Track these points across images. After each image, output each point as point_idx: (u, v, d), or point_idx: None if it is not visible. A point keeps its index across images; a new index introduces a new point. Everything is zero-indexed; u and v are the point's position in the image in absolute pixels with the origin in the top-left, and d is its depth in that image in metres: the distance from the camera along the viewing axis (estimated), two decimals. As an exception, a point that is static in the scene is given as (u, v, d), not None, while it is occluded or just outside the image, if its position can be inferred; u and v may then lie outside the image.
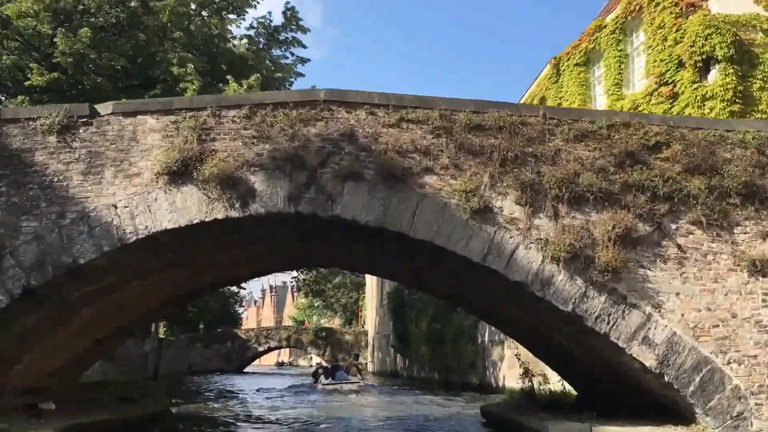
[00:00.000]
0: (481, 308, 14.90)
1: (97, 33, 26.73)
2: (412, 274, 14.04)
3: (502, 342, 28.16)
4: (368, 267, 15.46)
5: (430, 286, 15.80)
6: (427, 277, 14.02)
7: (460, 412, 19.05)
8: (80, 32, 25.50)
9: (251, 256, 13.71)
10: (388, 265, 14.06)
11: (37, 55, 27.89)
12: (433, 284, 14.99)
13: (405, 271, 13.72)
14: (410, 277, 14.66)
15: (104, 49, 26.96)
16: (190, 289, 14.97)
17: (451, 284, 13.85)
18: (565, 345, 13.05)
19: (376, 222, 11.11)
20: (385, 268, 14.72)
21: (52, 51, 26.45)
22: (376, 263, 14.44)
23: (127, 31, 28.04)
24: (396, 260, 12.80)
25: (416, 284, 16.40)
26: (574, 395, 16.09)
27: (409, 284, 16.42)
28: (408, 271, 13.56)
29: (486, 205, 11.15)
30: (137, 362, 39.34)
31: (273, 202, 11.14)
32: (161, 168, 11.16)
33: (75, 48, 25.66)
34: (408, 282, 16.53)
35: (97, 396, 16.67)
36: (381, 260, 13.78)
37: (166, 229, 11.16)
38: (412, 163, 11.33)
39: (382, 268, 14.98)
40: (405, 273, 13.89)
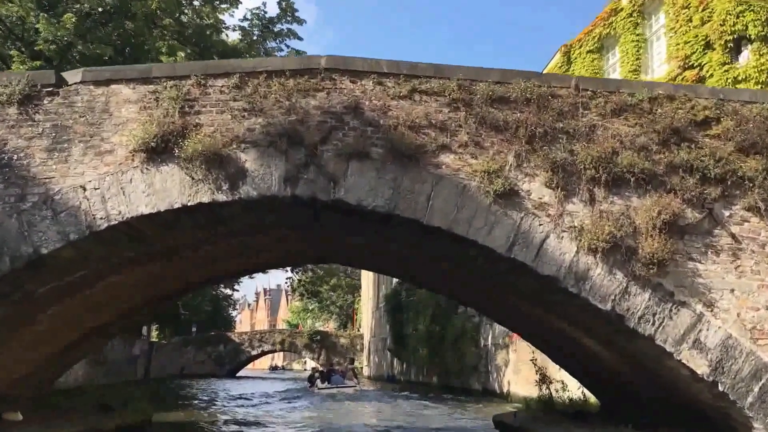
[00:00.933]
0: (496, 308, 13.35)
1: (83, 20, 25.15)
2: (420, 268, 12.48)
3: (506, 345, 26.65)
4: (371, 262, 13.89)
5: (435, 282, 14.25)
6: (434, 271, 12.47)
7: (468, 422, 17.48)
8: (64, 18, 23.91)
9: (242, 250, 12.12)
10: (393, 260, 12.50)
11: (20, 44, 26.30)
12: (440, 281, 13.44)
13: (414, 264, 12.16)
14: (418, 272, 13.10)
15: (90, 37, 25.38)
16: (175, 286, 13.37)
17: (462, 281, 12.31)
18: (591, 349, 11.51)
19: (385, 207, 9.55)
20: (391, 263, 13.15)
21: (35, 39, 24.90)
22: (380, 258, 12.87)
23: (114, 18, 26.45)
24: (405, 250, 11.23)
25: (421, 281, 14.82)
26: (595, 403, 14.57)
27: (414, 281, 14.81)
28: (418, 263, 12.00)
29: (511, 188, 9.60)
30: (125, 366, 37.69)
31: (266, 183, 9.56)
32: (137, 144, 9.58)
33: (59, 35, 24.11)
34: (413, 278, 14.94)
35: (72, 404, 15.07)
36: (387, 255, 12.21)
37: (142, 215, 9.57)
38: (427, 139, 9.78)
39: (387, 264, 13.41)
40: (415, 266, 12.33)
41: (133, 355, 39.62)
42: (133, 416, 14.58)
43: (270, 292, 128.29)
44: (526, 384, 24.40)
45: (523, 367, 24.75)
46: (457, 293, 13.75)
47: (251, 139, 9.69)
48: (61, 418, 13.41)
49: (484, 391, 28.95)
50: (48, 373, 14.02)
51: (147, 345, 43.86)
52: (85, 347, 14.01)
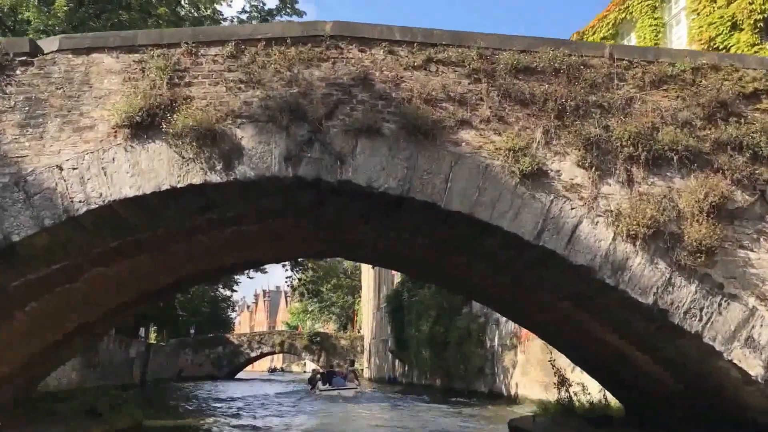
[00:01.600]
0: (513, 305, 12.25)
1: (75, 9, 24.12)
2: (433, 261, 11.37)
3: (514, 347, 25.53)
4: (379, 256, 12.79)
5: (447, 277, 13.14)
6: (448, 265, 11.38)
7: (482, 427, 16.39)
8: (56, 6, 22.87)
9: (238, 241, 11.02)
10: (403, 253, 11.39)
11: (10, 35, 25.23)
12: (453, 276, 12.34)
13: (427, 257, 11.06)
14: (429, 266, 11.99)
15: (83, 28, 24.31)
16: (167, 282, 12.27)
17: (479, 275, 11.22)
18: (621, 349, 10.42)
19: (397, 189, 8.47)
20: (400, 257, 12.05)
21: (25, 29, 23.86)
22: (389, 251, 11.77)
23: (108, 9, 25.39)
24: (418, 240, 10.13)
25: (432, 276, 13.69)
26: (617, 408, 13.47)
27: (424, 276, 13.67)
28: (431, 256, 10.89)
29: (539, 168, 8.53)
30: (121, 369, 36.54)
31: (265, 163, 8.48)
32: (121, 119, 8.50)
33: (50, 24, 23.08)
34: (423, 273, 13.80)
35: (56, 409, 13.92)
36: (397, 247, 11.11)
37: (126, 198, 8.49)
38: (444, 114, 8.71)
39: (397, 258, 12.31)
40: (427, 260, 11.22)
41: (129, 357, 38.46)
42: (122, 422, 13.47)
43: (269, 294, 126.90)
44: (535, 386, 23.31)
45: (532, 368, 23.67)
46: (471, 289, 12.67)
47: (248, 114, 8.61)
48: (44, 423, 12.31)
49: (490, 393, 27.81)
50: (30, 374, 12.90)
51: (144, 347, 42.70)
52: (70, 347, 12.90)
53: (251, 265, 14.22)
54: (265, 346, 61.66)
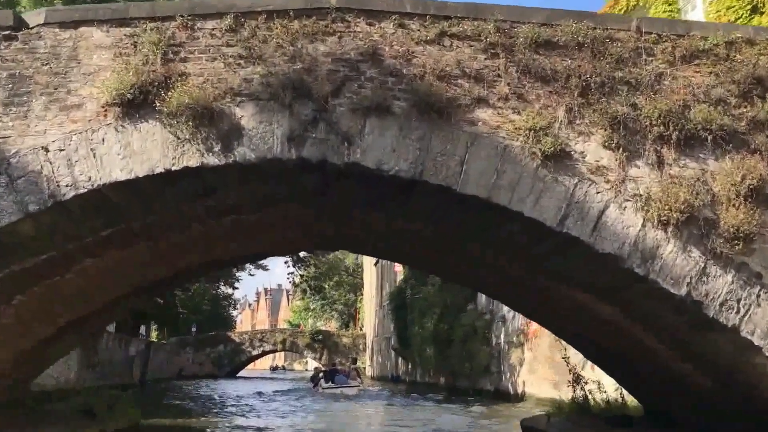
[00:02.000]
0: (527, 298, 11.59)
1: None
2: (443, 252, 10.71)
3: (521, 344, 24.87)
4: (386, 247, 12.11)
5: (457, 270, 12.49)
6: (460, 256, 10.74)
7: (492, 426, 15.75)
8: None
9: (238, 231, 10.37)
10: (413, 243, 10.73)
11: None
12: (464, 268, 11.69)
13: (437, 248, 10.39)
14: (439, 258, 11.32)
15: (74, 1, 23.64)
16: (163, 274, 11.62)
17: (492, 266, 10.57)
18: (645, 344, 9.77)
19: (409, 172, 7.83)
20: (409, 248, 11.37)
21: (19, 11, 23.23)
22: (397, 242, 11.11)
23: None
24: (429, 229, 9.46)
25: (440, 268, 13.01)
26: (635, 407, 12.83)
27: (433, 268, 12.96)
28: (442, 247, 10.23)
29: (562, 149, 7.88)
30: (121, 367, 35.92)
31: (267, 144, 7.84)
32: (111, 97, 7.86)
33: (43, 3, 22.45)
34: (431, 265, 13.08)
35: (49, 410, 13.31)
36: (406, 237, 10.45)
37: (117, 182, 7.85)
38: (459, 91, 8.06)
39: (405, 249, 11.63)
40: (437, 251, 10.55)
41: (129, 355, 37.81)
42: (117, 422, 12.84)
43: (271, 292, 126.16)
44: (543, 384, 22.66)
45: (540, 366, 23.02)
46: (482, 282, 12.01)
47: (248, 92, 7.97)
48: (36, 424, 11.71)
49: (496, 392, 27.14)
50: (21, 373, 12.26)
51: (144, 345, 42.02)
52: (63, 344, 12.26)
53: (252, 258, 13.56)
54: (266, 345, 60.99)
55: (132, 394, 14.07)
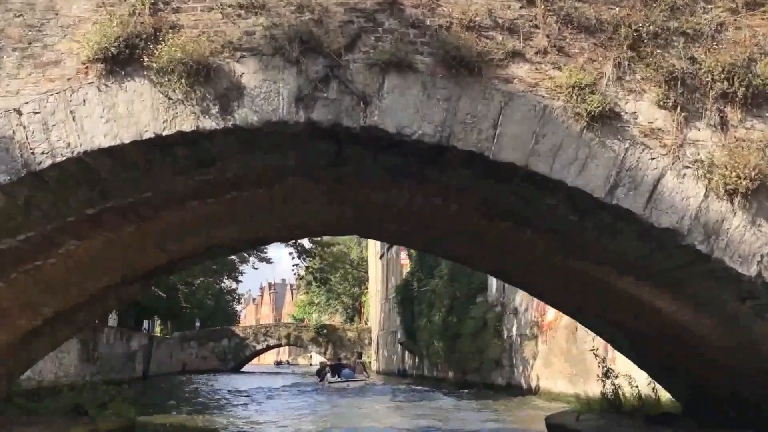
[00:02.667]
0: (557, 284, 10.52)
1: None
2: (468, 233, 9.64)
3: (535, 336, 23.81)
4: (403, 231, 11.00)
5: (481, 253, 11.41)
6: (487, 236, 9.68)
7: (513, 423, 14.72)
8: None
9: (239, 211, 9.31)
10: (434, 224, 9.65)
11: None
12: (489, 251, 10.63)
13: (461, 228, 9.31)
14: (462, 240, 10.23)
15: None
16: (157, 261, 10.58)
17: (522, 249, 9.51)
18: (692, 333, 8.73)
19: (435, 136, 6.78)
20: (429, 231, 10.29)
21: None
22: (416, 224, 10.03)
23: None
24: (453, 205, 8.39)
25: (462, 252, 11.87)
26: (668, 402, 11.79)
27: (454, 252, 11.77)
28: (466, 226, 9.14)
29: (611, 109, 6.83)
30: (122, 362, 34.99)
31: (271, 105, 6.79)
32: (93, 52, 6.81)
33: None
34: (451, 250, 11.92)
35: (37, 408, 12.30)
36: (427, 217, 9.38)
37: (100, 149, 6.82)
38: (491, 45, 7.00)
39: (424, 232, 10.54)
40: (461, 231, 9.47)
41: (131, 350, 36.86)
42: (110, 421, 11.82)
43: (275, 287, 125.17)
44: (559, 378, 21.62)
45: (556, 359, 21.97)
46: (510, 268, 10.95)
47: (250, 46, 6.92)
48: (21, 424, 10.71)
49: (508, 386, 26.11)
50: (6, 368, 11.26)
51: (146, 340, 41.08)
52: (51, 337, 11.23)
53: (254, 244, 12.46)
54: (271, 339, 60.01)
55: (129, 390, 13.01)
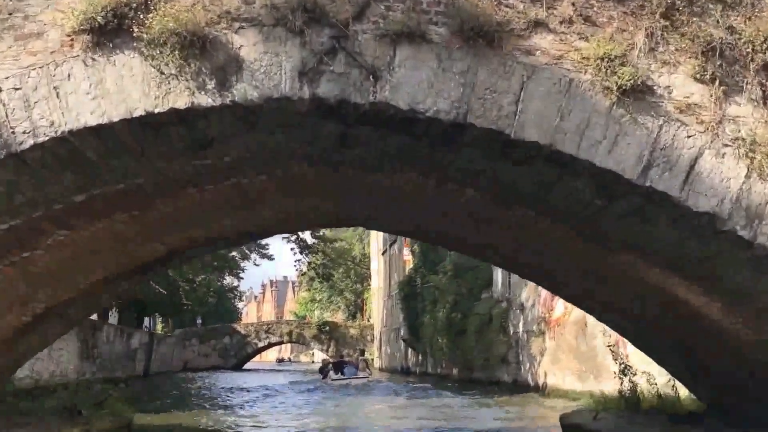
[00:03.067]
0: (573, 277, 9.93)
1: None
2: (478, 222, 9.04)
3: (542, 333, 23.23)
4: (410, 221, 10.41)
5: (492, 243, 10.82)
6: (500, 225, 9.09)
7: (526, 422, 14.14)
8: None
9: (238, 199, 8.72)
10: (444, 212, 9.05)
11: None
12: (502, 241, 10.04)
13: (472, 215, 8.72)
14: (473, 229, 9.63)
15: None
16: (153, 253, 9.99)
17: (539, 237, 8.92)
18: (723, 329, 8.14)
19: (451, 113, 6.20)
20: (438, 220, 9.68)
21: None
22: (425, 213, 9.44)
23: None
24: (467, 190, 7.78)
25: (472, 243, 11.25)
26: (689, 401, 11.22)
27: (461, 243, 11.11)
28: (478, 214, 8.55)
29: (643, 83, 6.26)
30: (123, 360, 34.46)
31: (273, 80, 6.21)
32: (79, 23, 6.23)
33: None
34: (459, 240, 11.28)
35: (31, 408, 11.74)
36: (436, 205, 8.78)
37: (87, 128, 6.25)
38: (512, 14, 6.41)
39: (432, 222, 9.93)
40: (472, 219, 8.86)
41: (132, 348, 36.32)
42: (105, 421, 11.26)
43: (276, 284, 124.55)
44: (567, 375, 21.05)
45: (564, 356, 21.40)
46: (521, 258, 10.35)
47: (249, 15, 6.33)
48: (12, 425, 10.16)
49: (514, 383, 25.54)
50: (-5, 368, 10.70)
51: (147, 337, 40.53)
52: (42, 334, 10.65)
53: (256, 235, 11.87)
54: (273, 336, 59.46)
55: (126, 389, 12.42)
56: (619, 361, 11.66)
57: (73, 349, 26.60)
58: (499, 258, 11.04)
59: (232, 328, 59.97)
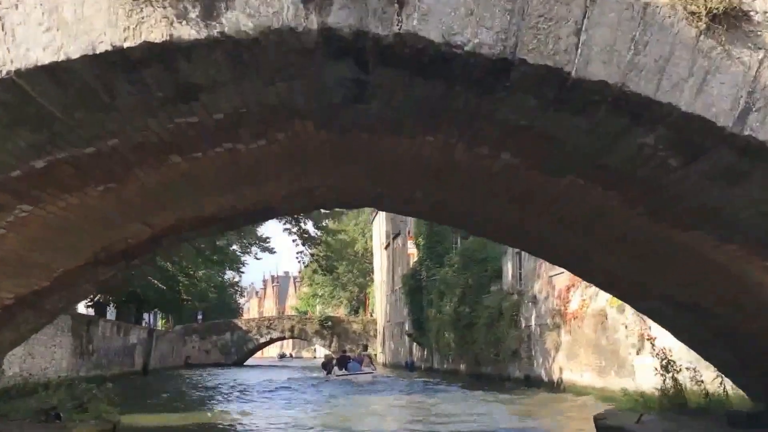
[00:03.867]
0: (625, 266, 8.61)
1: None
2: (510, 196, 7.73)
3: (558, 326, 21.96)
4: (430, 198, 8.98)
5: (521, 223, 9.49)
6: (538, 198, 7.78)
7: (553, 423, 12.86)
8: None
9: (233, 168, 7.39)
10: (478, 180, 7.71)
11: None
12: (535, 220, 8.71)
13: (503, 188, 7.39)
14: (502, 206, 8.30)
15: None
16: (137, 236, 8.68)
17: (582, 212, 7.61)
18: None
19: (496, 46, 4.89)
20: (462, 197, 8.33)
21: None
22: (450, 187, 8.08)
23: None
24: (501, 153, 6.46)
25: (498, 223, 9.84)
26: (738, 399, 9.95)
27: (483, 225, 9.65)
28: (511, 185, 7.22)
29: (738, 7, 4.94)
30: (120, 356, 33.24)
31: (272, 7, 4.89)
32: (29, -65, 4.93)
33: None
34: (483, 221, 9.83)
35: (7, 410, 10.48)
36: (470, 171, 7.45)
37: (39, 66, 4.93)
38: (569, -77, 5.10)
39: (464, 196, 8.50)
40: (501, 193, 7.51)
41: (129, 344, 35.08)
42: (88, 425, 9.99)
43: (278, 279, 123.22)
44: (586, 371, 19.80)
45: (582, 351, 20.14)
46: (558, 240, 9.01)
47: (242, -74, 5.01)
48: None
49: (526, 379, 24.30)
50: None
51: (146, 333, 39.28)
52: (11, 329, 9.34)
53: (254, 216, 10.49)
54: (274, 332, 58.28)
55: (112, 388, 11.13)
56: (660, 357, 10.38)
57: (66, 346, 25.34)
58: (530, 242, 9.71)
59: (233, 324, 58.78)
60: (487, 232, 10.53)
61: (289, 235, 27.28)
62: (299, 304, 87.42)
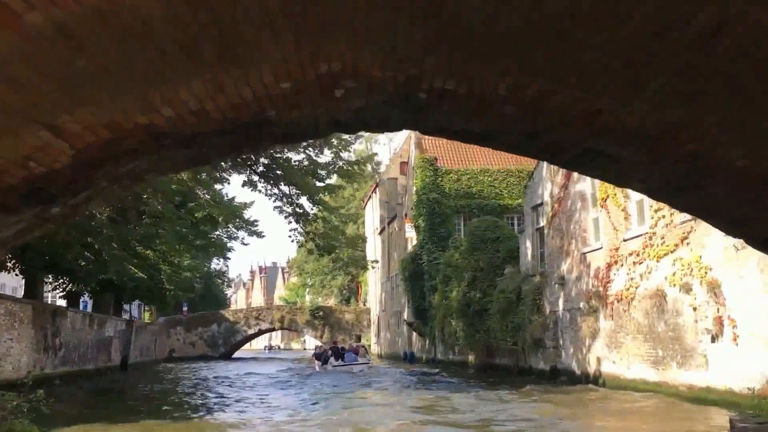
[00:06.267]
0: None
1: None
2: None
3: (594, 311, 18.55)
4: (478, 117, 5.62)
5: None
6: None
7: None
8: None
9: (193, 26, 3.92)
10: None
11: None
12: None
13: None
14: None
15: None
16: (46, 155, 5.15)
17: None
18: None
19: None
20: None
21: None
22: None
23: None
24: None
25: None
26: None
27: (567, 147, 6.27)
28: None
29: None
30: (94, 350, 29.59)
31: None
32: None
33: None
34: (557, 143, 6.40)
35: None
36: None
37: None
38: None
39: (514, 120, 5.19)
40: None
41: (105, 336, 31.38)
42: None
43: (265, 270, 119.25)
44: (635, 362, 16.43)
45: (630, 339, 16.75)
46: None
47: None
48: None
49: (553, 371, 20.91)
50: None
51: (124, 325, 35.58)
52: None
53: (241, 135, 6.66)
54: (263, 323, 54.67)
55: (37, 397, 7.56)
56: None
57: (26, 339, 21.65)
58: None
59: (220, 315, 55.11)
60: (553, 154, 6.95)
61: (280, 213, 23.72)
62: (288, 295, 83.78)
